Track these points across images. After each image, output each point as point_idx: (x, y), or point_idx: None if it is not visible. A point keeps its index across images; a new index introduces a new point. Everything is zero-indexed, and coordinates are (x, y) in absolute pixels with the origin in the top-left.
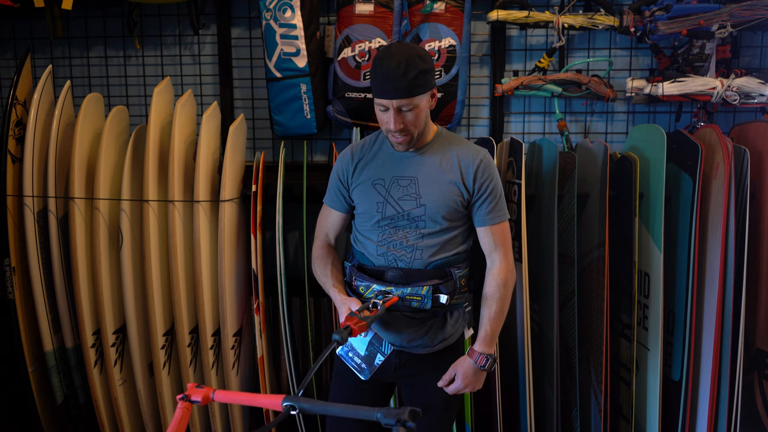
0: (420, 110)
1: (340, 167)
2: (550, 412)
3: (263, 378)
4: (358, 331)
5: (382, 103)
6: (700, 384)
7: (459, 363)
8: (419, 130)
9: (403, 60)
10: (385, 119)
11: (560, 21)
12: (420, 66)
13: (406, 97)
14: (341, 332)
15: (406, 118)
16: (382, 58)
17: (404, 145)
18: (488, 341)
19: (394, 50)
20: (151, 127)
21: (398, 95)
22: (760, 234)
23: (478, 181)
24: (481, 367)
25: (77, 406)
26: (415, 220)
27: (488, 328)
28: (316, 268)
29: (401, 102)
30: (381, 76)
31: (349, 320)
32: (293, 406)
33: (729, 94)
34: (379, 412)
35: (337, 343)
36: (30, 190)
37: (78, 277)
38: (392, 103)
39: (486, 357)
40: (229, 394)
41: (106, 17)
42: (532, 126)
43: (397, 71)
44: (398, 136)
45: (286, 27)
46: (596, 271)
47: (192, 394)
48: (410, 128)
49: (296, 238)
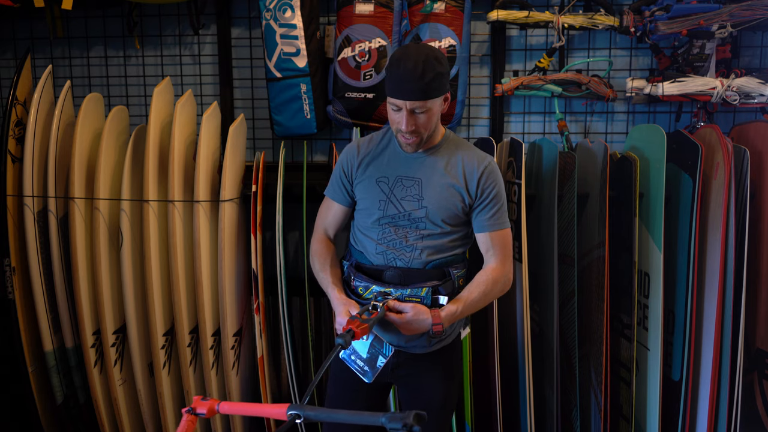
0: (432, 113)
1: (345, 160)
2: (550, 412)
3: (263, 378)
4: (361, 334)
5: (396, 103)
6: (700, 384)
7: (421, 310)
8: (429, 133)
9: (420, 62)
10: (397, 119)
11: (560, 21)
12: (437, 69)
13: (421, 100)
14: (344, 336)
15: (419, 120)
16: (399, 59)
17: (413, 146)
18: (451, 316)
19: (412, 51)
20: (151, 127)
21: (413, 97)
22: (760, 234)
23: (480, 187)
24: (430, 329)
25: (77, 406)
26: (416, 221)
27: (460, 306)
28: (315, 263)
29: (415, 104)
30: (397, 77)
31: (351, 324)
32: (298, 414)
33: (729, 94)
34: (384, 416)
35: (340, 347)
36: (30, 190)
37: (78, 277)
38: (406, 104)
39: (441, 329)
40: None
41: (106, 17)
42: (532, 126)
43: (414, 73)
44: (408, 137)
45: (286, 27)
46: (596, 271)
47: (197, 407)
48: (421, 130)
49: (296, 238)
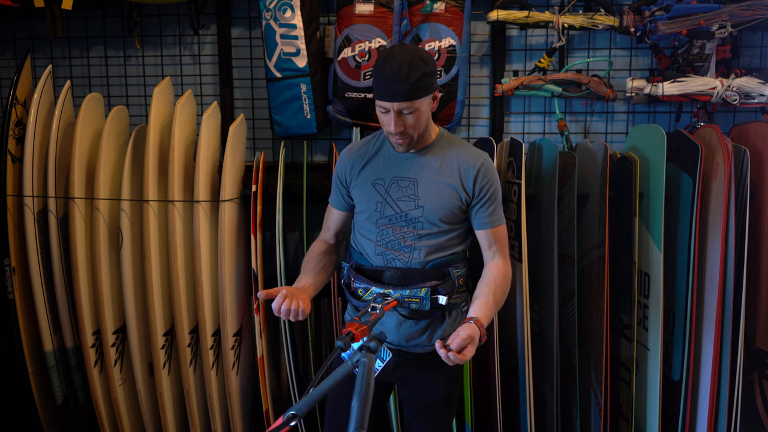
0: (421, 113)
1: (339, 166)
2: (550, 412)
3: (263, 378)
4: (360, 336)
5: (383, 106)
6: (700, 384)
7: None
8: (419, 132)
9: (405, 63)
10: (386, 121)
11: (560, 21)
12: (422, 69)
13: (407, 101)
14: (344, 338)
15: (407, 120)
16: (384, 60)
17: (404, 146)
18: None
19: (397, 52)
20: (151, 127)
21: (399, 98)
22: (760, 234)
23: (478, 185)
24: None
25: (77, 406)
26: (413, 221)
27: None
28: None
29: (402, 105)
30: (382, 79)
31: (350, 326)
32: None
33: (729, 94)
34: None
35: (340, 350)
36: (30, 190)
37: (78, 277)
38: (393, 106)
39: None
40: None
41: (106, 17)
42: (532, 126)
43: (399, 74)
44: (398, 138)
45: (286, 27)
46: (596, 271)
47: None
48: (410, 131)
49: (296, 238)
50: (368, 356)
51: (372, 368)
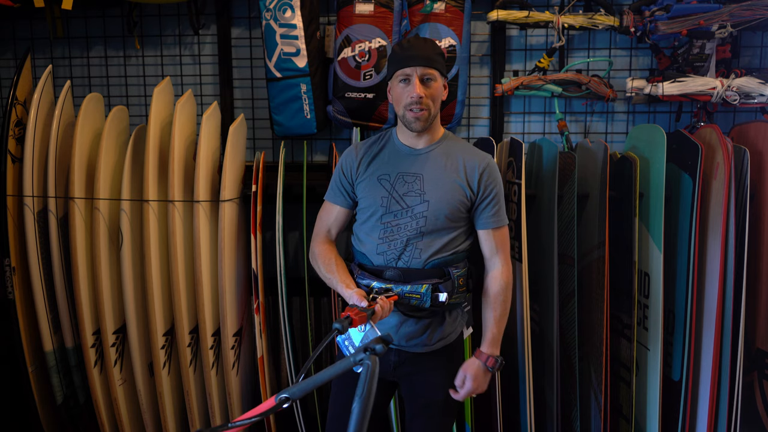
0: (438, 86)
1: (345, 162)
2: (550, 412)
3: (263, 378)
4: (358, 322)
5: (406, 72)
6: (700, 384)
7: (468, 366)
8: (435, 111)
9: (424, 39)
10: (408, 90)
11: (560, 21)
12: (439, 50)
13: (429, 66)
14: (342, 321)
15: (427, 88)
16: (403, 41)
17: (422, 121)
18: (494, 343)
19: (414, 36)
20: (151, 127)
21: (422, 62)
22: (760, 234)
23: (483, 184)
24: (489, 369)
25: (77, 406)
26: (417, 216)
27: (494, 330)
28: (320, 265)
29: (425, 71)
30: (404, 49)
31: (350, 311)
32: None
33: (729, 94)
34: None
35: (337, 332)
36: (30, 190)
37: (78, 277)
38: (416, 70)
39: (495, 359)
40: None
41: (106, 17)
42: (532, 126)
43: (421, 44)
44: (417, 110)
45: (286, 27)
46: (596, 271)
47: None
48: (429, 102)
49: (296, 238)
50: (372, 359)
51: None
